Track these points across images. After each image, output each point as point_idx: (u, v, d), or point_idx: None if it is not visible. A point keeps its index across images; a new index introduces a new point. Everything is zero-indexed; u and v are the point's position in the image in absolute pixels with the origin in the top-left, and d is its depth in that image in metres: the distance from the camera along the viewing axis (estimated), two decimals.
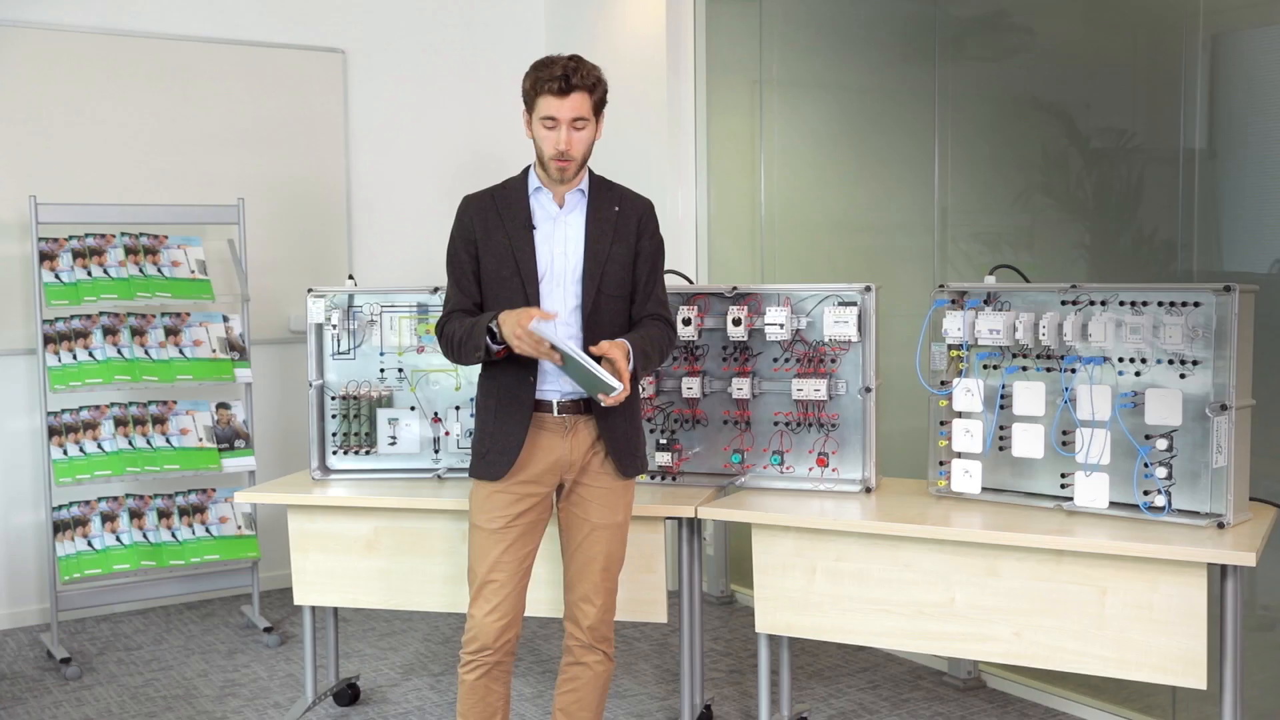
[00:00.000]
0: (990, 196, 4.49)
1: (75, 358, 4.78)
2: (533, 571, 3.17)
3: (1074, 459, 3.24)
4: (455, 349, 3.07)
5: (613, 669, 3.22)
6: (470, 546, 3.11)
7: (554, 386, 3.08)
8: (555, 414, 3.07)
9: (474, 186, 3.24)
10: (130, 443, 4.87)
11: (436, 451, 3.93)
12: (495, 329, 2.95)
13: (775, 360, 3.68)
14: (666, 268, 4.06)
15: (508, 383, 3.07)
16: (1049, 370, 3.32)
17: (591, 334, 3.07)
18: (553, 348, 2.88)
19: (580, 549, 3.15)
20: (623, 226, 3.15)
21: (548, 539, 3.38)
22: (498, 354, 2.98)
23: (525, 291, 3.05)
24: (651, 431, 3.80)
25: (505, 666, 3.12)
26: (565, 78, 3.01)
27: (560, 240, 3.10)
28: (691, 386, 3.72)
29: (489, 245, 3.09)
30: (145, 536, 4.90)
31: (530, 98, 3.07)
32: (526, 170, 3.19)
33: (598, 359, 2.92)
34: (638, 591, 3.56)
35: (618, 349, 2.96)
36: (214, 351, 5.00)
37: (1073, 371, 3.26)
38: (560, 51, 3.16)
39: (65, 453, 4.76)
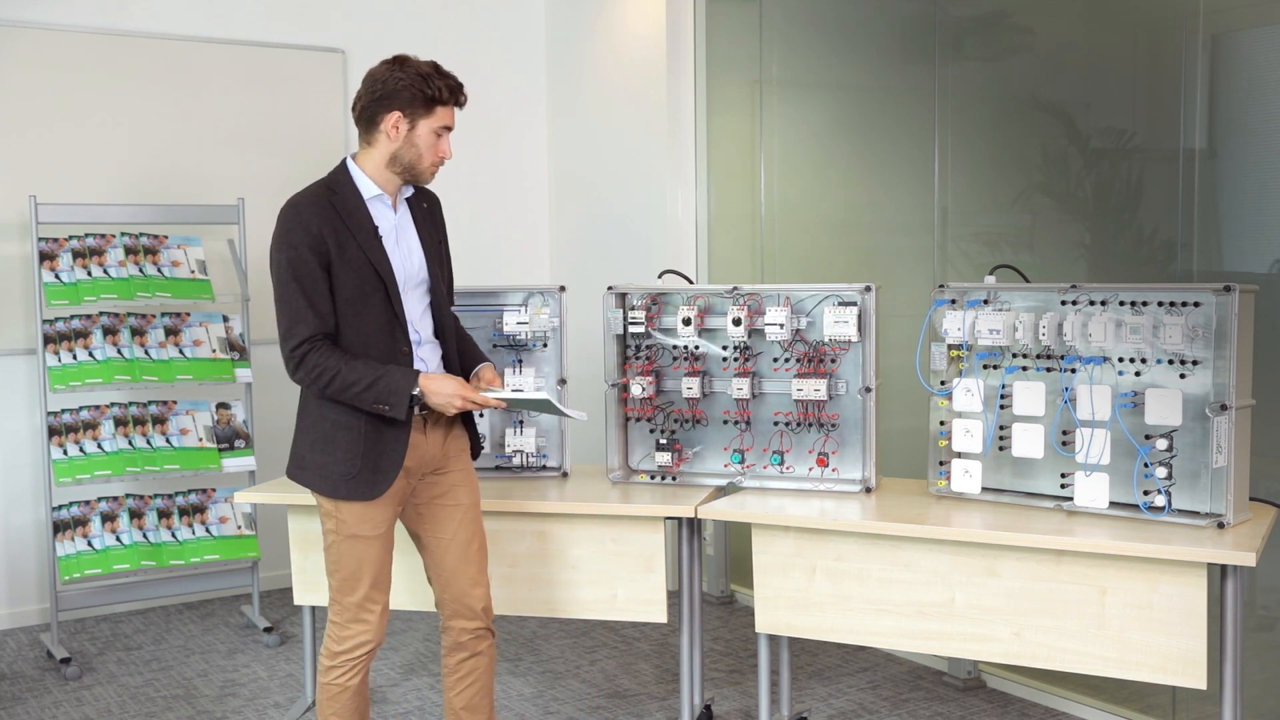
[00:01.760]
0: (990, 196, 4.49)
1: (75, 358, 4.78)
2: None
3: (1074, 459, 3.23)
4: (342, 394, 2.95)
5: (496, 641, 3.28)
6: (348, 558, 3.03)
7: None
8: (417, 413, 3.04)
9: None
10: (130, 443, 4.87)
11: None
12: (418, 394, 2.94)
13: (775, 360, 3.68)
14: (666, 268, 4.10)
15: None
16: (1049, 370, 3.32)
17: (441, 334, 3.14)
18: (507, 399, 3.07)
19: (457, 536, 3.16)
20: (436, 223, 3.21)
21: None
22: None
23: (391, 305, 3.00)
24: (651, 431, 3.80)
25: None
26: (461, 88, 3.06)
27: (404, 247, 3.09)
28: (691, 386, 3.72)
29: (343, 258, 2.96)
30: (145, 536, 4.90)
31: (426, 104, 3.00)
32: (347, 170, 3.07)
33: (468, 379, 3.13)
34: (638, 591, 3.56)
35: (491, 372, 3.20)
36: (214, 351, 5.00)
37: (1073, 371, 3.26)
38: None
39: (65, 453, 4.76)
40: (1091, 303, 3.25)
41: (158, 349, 4.91)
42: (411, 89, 2.99)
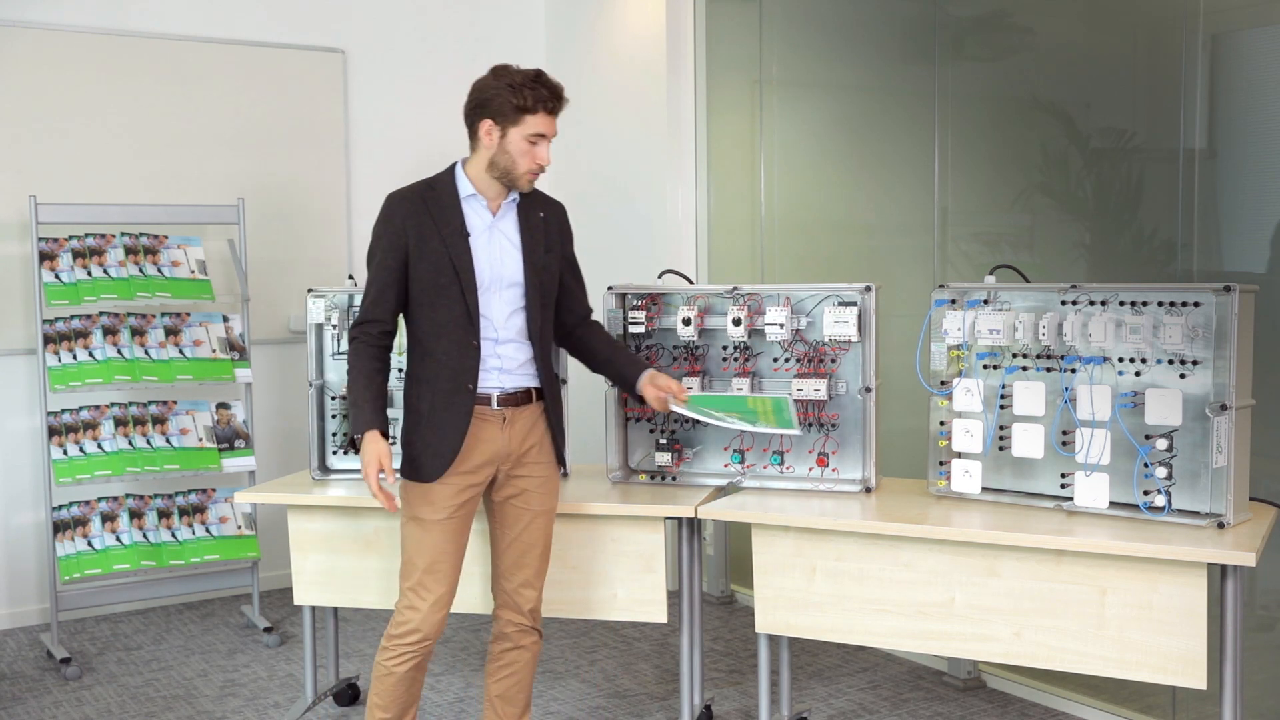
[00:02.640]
0: (990, 196, 4.49)
1: (75, 358, 4.78)
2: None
3: (1074, 459, 3.23)
4: (347, 382, 3.14)
5: (541, 642, 3.36)
6: (408, 540, 3.15)
7: (495, 382, 3.15)
8: (494, 407, 3.14)
9: None
10: (130, 443, 4.87)
11: None
12: (357, 440, 3.04)
13: (775, 360, 3.68)
14: (666, 268, 4.10)
15: (444, 388, 3.10)
16: (1049, 370, 3.32)
17: (533, 341, 3.18)
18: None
19: (520, 538, 3.24)
20: (551, 233, 3.25)
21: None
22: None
23: (465, 301, 3.08)
24: (651, 431, 3.80)
25: (431, 653, 3.20)
26: (559, 98, 3.08)
27: (497, 249, 3.15)
28: (691, 387, 3.71)
29: (423, 252, 3.08)
30: (145, 536, 4.90)
31: (518, 112, 3.04)
32: (453, 171, 3.18)
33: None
34: (638, 591, 3.56)
35: (671, 381, 3.32)
36: (214, 351, 5.00)
37: (1073, 371, 3.26)
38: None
39: (65, 453, 4.76)
40: (1091, 303, 3.25)
41: (158, 349, 4.91)
42: (500, 98, 3.05)
